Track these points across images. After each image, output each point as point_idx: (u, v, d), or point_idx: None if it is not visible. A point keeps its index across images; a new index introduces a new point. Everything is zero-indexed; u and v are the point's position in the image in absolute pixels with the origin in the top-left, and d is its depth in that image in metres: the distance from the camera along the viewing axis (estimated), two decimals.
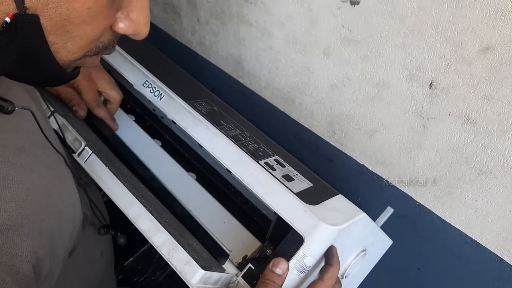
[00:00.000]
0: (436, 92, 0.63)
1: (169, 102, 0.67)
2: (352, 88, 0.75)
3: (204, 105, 0.67)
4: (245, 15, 0.86)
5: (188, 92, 0.70)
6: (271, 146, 0.64)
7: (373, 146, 0.78)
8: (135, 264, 0.87)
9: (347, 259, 0.60)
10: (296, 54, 0.81)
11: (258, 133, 0.66)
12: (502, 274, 0.70)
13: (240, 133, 0.63)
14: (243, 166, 0.58)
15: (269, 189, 0.55)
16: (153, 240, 0.55)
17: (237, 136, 0.62)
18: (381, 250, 0.71)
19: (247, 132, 0.64)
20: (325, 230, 0.51)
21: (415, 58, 0.63)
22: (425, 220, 0.77)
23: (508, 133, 0.58)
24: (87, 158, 0.64)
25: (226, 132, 0.62)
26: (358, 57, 0.70)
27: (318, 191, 0.58)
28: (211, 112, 0.66)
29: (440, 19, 0.57)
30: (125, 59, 0.73)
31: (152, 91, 0.69)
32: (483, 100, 0.58)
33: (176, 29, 1.10)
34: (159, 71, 0.73)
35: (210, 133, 0.62)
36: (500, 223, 0.66)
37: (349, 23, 0.68)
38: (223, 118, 0.66)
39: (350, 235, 0.56)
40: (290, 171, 0.60)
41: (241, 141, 0.61)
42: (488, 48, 0.54)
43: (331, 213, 0.54)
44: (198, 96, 0.70)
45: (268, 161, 0.60)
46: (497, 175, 0.63)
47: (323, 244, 0.52)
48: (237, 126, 0.65)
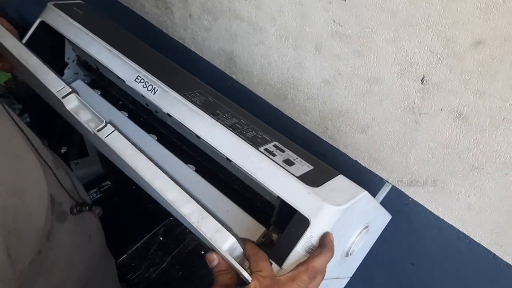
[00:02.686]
0: (427, 87, 0.62)
1: (163, 95, 0.67)
2: (344, 83, 0.74)
3: (198, 96, 0.67)
4: (236, 10, 0.85)
5: (181, 84, 0.70)
6: (269, 132, 0.64)
7: (366, 142, 0.77)
8: (128, 261, 0.87)
9: (351, 236, 0.61)
10: (288, 50, 0.80)
11: (255, 121, 0.66)
12: (495, 269, 0.70)
13: (237, 121, 0.63)
14: (244, 154, 0.58)
15: (271, 175, 0.56)
16: (182, 209, 0.54)
17: (234, 125, 0.62)
18: (381, 225, 0.71)
19: (244, 120, 0.64)
20: (329, 210, 0.52)
21: (406, 52, 0.62)
22: (418, 215, 0.76)
23: (500, 128, 0.57)
24: (109, 134, 0.63)
25: (223, 122, 0.62)
26: (350, 52, 0.69)
27: (319, 173, 0.59)
28: (206, 102, 0.66)
29: (431, 13, 0.56)
30: (113, 55, 0.72)
31: (145, 85, 0.69)
32: (475, 95, 0.57)
33: (168, 25, 1.09)
34: (149, 64, 0.73)
35: (207, 124, 0.62)
36: (492, 219, 0.66)
37: (340, 17, 0.67)
38: (219, 107, 0.66)
39: (354, 213, 0.57)
40: (290, 155, 0.60)
41: (239, 130, 0.61)
42: (479, 43, 0.53)
43: (334, 193, 0.55)
44: (192, 87, 0.70)
45: (268, 147, 0.60)
46: (489, 170, 0.62)
47: (329, 224, 0.53)
48: (233, 115, 0.64)
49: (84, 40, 0.76)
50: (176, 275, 0.79)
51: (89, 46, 0.75)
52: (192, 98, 0.66)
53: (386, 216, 0.72)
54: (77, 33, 0.77)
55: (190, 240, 0.96)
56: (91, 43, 0.75)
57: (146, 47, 0.82)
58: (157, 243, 0.94)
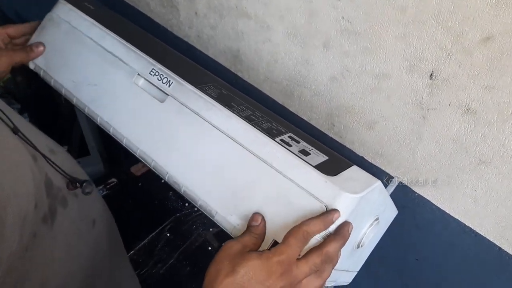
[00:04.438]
0: (436, 83, 0.63)
1: (178, 88, 0.68)
2: (351, 80, 0.75)
3: (213, 89, 0.68)
4: (243, 8, 0.86)
5: (195, 77, 0.71)
6: (283, 124, 0.65)
7: (373, 138, 0.78)
8: (136, 257, 0.87)
9: (364, 227, 0.62)
10: (295, 47, 0.81)
11: (269, 113, 0.67)
12: (500, 263, 0.71)
13: (251, 113, 0.64)
14: (260, 144, 0.59)
15: (288, 164, 0.57)
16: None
17: (249, 117, 0.63)
18: (389, 219, 0.73)
19: (259, 112, 0.65)
20: (346, 198, 0.54)
21: (415, 48, 0.63)
22: (424, 210, 0.77)
23: (508, 122, 0.59)
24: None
25: (238, 113, 0.63)
26: (358, 49, 0.71)
27: (334, 163, 0.61)
28: (220, 95, 0.67)
29: (441, 9, 0.57)
30: (127, 48, 0.73)
31: (160, 78, 0.69)
32: (483, 90, 0.59)
33: (173, 23, 1.09)
34: (162, 57, 0.74)
35: (223, 115, 0.63)
36: (499, 212, 0.67)
37: (350, 14, 0.68)
38: (233, 100, 0.67)
39: (368, 203, 0.59)
40: (305, 146, 0.62)
41: (254, 121, 0.63)
42: (489, 38, 0.55)
43: (350, 182, 0.56)
44: (205, 80, 0.71)
45: (283, 138, 0.62)
46: (497, 164, 0.63)
47: (346, 212, 0.54)
48: (248, 107, 0.66)
49: (98, 34, 0.76)
50: (183, 271, 0.79)
51: (103, 40, 0.75)
52: (207, 91, 0.67)
53: (394, 211, 0.73)
54: (90, 27, 0.78)
55: (197, 236, 0.97)
56: (105, 37, 0.75)
57: (158, 41, 0.83)
58: (164, 239, 0.94)
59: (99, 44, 0.77)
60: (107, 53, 0.76)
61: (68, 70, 0.79)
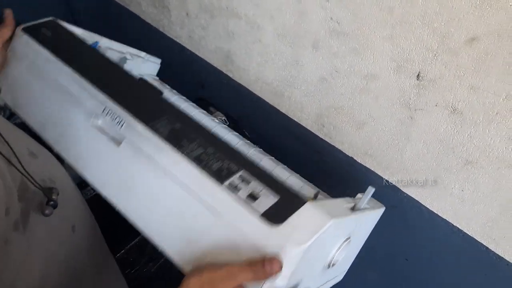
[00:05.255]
0: (423, 83, 0.64)
1: (130, 129, 0.66)
2: (341, 80, 0.75)
3: (165, 125, 0.66)
4: (234, 8, 0.86)
5: (149, 111, 0.69)
6: (236, 159, 0.62)
7: (362, 139, 0.79)
8: (127, 255, 0.87)
9: (331, 251, 0.60)
10: (285, 47, 0.81)
11: (222, 147, 0.65)
12: (487, 262, 0.71)
13: (203, 151, 0.62)
14: (207, 192, 0.58)
15: (234, 214, 0.55)
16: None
17: (200, 157, 0.61)
18: (372, 223, 0.70)
19: (211, 148, 0.63)
20: (291, 251, 0.51)
21: (402, 49, 0.63)
22: (413, 211, 0.78)
23: (494, 123, 0.59)
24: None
25: (188, 154, 0.62)
26: (347, 50, 0.71)
27: (285, 204, 0.57)
28: (172, 132, 0.65)
29: (427, 10, 0.58)
30: (81, 86, 0.71)
31: (113, 118, 0.68)
32: (469, 90, 0.59)
33: (165, 24, 1.09)
34: (117, 90, 0.72)
35: (173, 160, 0.62)
36: (485, 213, 0.68)
37: (338, 15, 0.69)
38: (186, 136, 0.65)
39: (324, 242, 0.56)
40: (255, 187, 0.59)
41: (205, 162, 0.61)
42: (474, 39, 0.55)
43: (297, 230, 0.53)
44: (159, 113, 0.68)
45: (232, 180, 0.59)
46: (483, 164, 0.64)
47: (291, 265, 0.51)
48: (200, 143, 0.63)
49: (54, 68, 0.74)
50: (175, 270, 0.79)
51: (59, 76, 0.73)
52: (159, 129, 0.65)
53: (377, 212, 0.71)
54: (46, 61, 0.75)
55: None
56: (60, 72, 0.73)
57: (115, 66, 0.80)
58: None
59: (57, 80, 0.74)
60: (64, 90, 0.74)
61: (34, 108, 0.77)
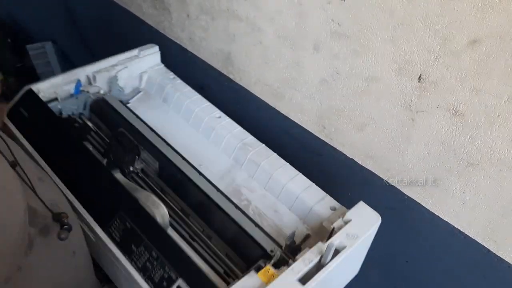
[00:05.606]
0: (425, 85, 0.64)
1: (90, 233, 0.72)
2: (341, 82, 0.75)
3: (118, 226, 0.70)
4: (235, 10, 0.86)
5: (105, 208, 0.73)
6: (178, 267, 0.65)
7: (362, 141, 0.79)
8: None
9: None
10: (286, 49, 0.81)
11: (164, 243, 0.68)
12: (488, 264, 0.71)
13: (148, 257, 0.66)
14: None
15: None
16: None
17: (145, 265, 0.66)
18: (368, 240, 0.72)
19: (155, 252, 0.66)
20: None
21: (404, 51, 0.63)
22: (414, 213, 0.78)
23: (495, 125, 0.59)
24: None
25: (136, 263, 0.67)
26: (348, 52, 0.71)
27: None
28: (124, 233, 0.69)
29: (429, 12, 0.58)
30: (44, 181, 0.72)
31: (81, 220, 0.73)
32: (471, 92, 0.59)
33: (165, 26, 1.10)
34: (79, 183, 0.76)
35: (124, 270, 0.67)
36: (487, 215, 0.68)
37: (339, 17, 0.69)
38: (135, 238, 0.68)
39: None
40: None
41: (149, 271, 0.65)
42: (475, 41, 0.55)
43: None
44: (113, 210, 0.72)
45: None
46: (484, 166, 0.64)
47: None
48: (146, 245, 0.67)
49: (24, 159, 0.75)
50: None
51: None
52: (112, 233, 0.69)
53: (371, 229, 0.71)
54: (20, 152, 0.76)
55: None
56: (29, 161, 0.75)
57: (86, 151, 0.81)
58: None
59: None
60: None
61: None
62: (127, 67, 0.97)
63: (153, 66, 1.02)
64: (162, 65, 1.03)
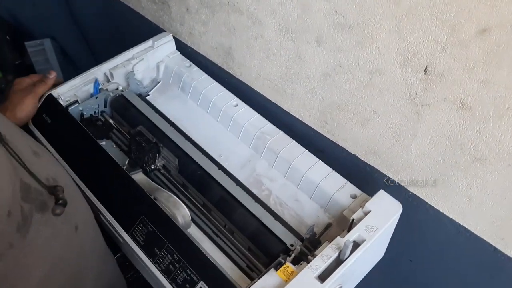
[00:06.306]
0: (431, 78, 0.62)
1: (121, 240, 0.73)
2: (344, 76, 0.73)
3: (140, 229, 0.71)
4: (235, 3, 0.84)
5: (126, 212, 0.74)
6: (200, 268, 0.66)
7: (366, 136, 0.77)
8: (122, 259, 0.86)
9: None
10: (287, 42, 0.79)
11: (187, 251, 0.68)
12: (495, 263, 0.69)
13: (171, 259, 0.67)
14: None
15: None
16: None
17: (168, 267, 0.67)
18: (389, 228, 0.72)
19: (177, 255, 0.67)
20: None
21: (409, 42, 0.62)
22: (418, 210, 0.76)
23: (504, 118, 0.57)
24: None
25: (160, 265, 0.68)
26: (351, 44, 0.69)
27: None
28: (147, 236, 0.70)
29: (436, 1, 0.56)
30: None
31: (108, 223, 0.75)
32: (479, 84, 0.57)
33: (165, 20, 1.08)
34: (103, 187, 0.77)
35: (151, 274, 0.69)
36: (494, 211, 0.66)
37: (342, 8, 0.67)
38: (157, 242, 0.69)
39: None
40: None
41: (172, 273, 0.67)
42: (485, 30, 0.53)
43: None
44: (135, 215, 0.72)
45: None
46: (492, 161, 0.62)
47: None
48: (168, 249, 0.68)
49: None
50: None
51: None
52: (136, 236, 0.71)
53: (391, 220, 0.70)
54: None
55: None
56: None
57: (106, 156, 0.80)
58: None
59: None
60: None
61: None
62: (143, 59, 0.98)
63: (169, 55, 1.03)
64: (177, 53, 1.03)
